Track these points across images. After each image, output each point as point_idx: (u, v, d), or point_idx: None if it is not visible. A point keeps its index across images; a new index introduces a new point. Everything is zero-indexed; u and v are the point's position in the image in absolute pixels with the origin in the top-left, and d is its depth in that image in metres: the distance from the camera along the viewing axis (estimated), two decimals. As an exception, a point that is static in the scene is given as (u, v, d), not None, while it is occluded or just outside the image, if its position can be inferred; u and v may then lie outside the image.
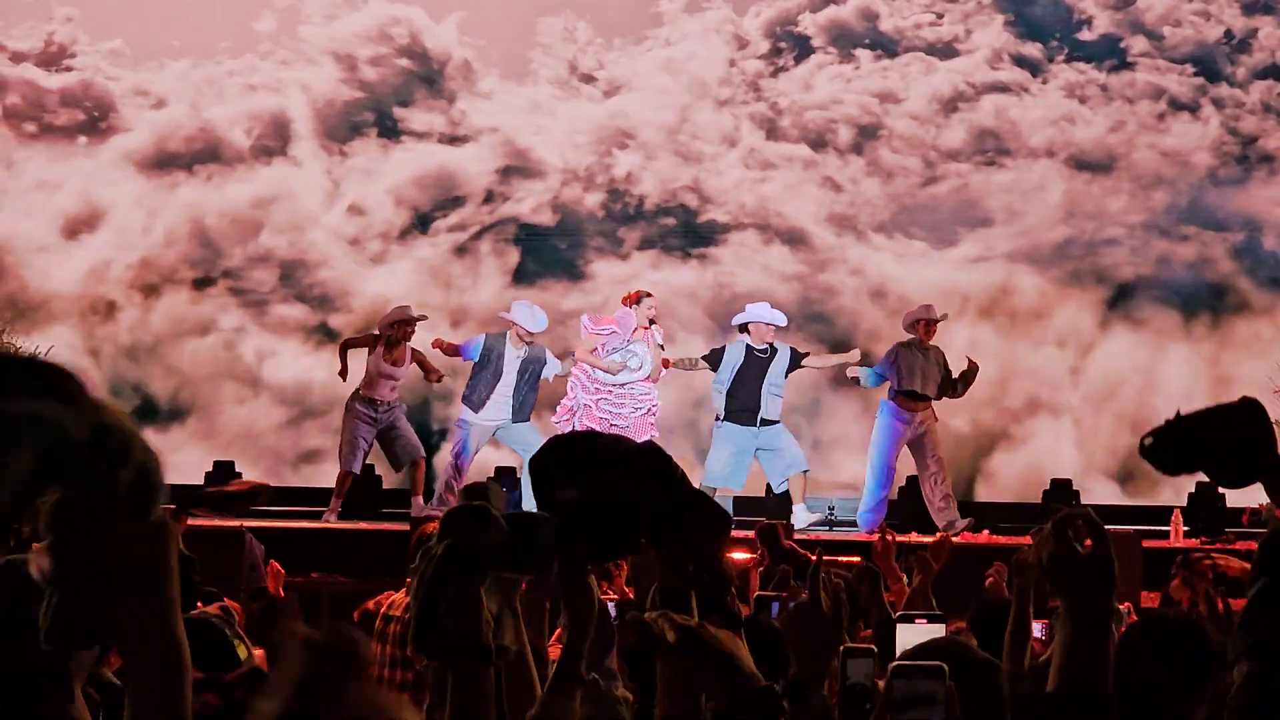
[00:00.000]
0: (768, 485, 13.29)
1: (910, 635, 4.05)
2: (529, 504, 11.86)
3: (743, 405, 12.65)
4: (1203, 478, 12.13)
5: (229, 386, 16.25)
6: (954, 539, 7.83)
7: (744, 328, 12.78)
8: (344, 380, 13.14)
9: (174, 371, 16.33)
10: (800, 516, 12.53)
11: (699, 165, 16.46)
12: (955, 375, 12.85)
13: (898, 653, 3.72)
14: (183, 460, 15.24)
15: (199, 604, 5.61)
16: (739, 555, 8.83)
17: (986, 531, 12.24)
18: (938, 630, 4.21)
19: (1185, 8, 16.24)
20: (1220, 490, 13.25)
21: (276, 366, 16.30)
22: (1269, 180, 15.91)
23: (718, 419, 12.79)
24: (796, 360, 12.83)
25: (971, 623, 5.25)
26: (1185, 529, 12.62)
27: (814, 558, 3.03)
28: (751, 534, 9.56)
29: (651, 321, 12.63)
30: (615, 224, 16.48)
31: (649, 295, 12.81)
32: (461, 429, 12.80)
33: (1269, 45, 16.15)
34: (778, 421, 12.72)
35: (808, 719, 2.72)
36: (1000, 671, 3.25)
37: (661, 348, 12.66)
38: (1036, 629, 4.70)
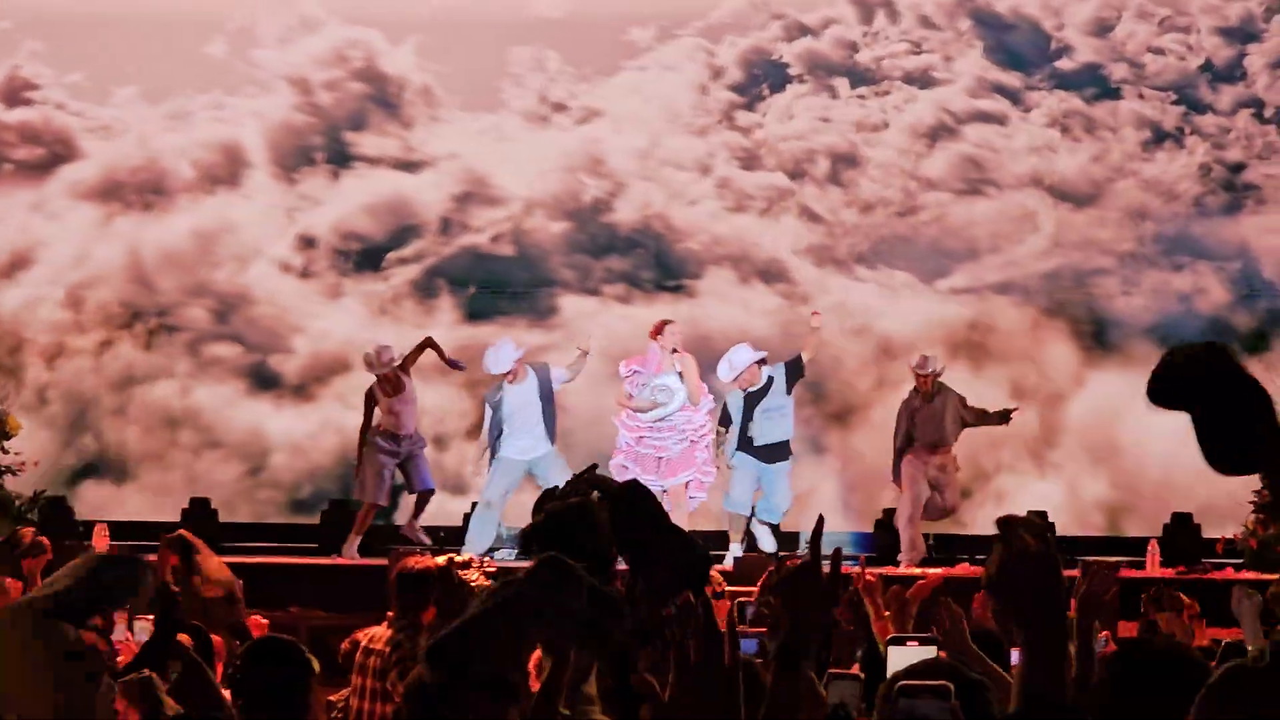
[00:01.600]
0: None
1: (902, 657, 4.44)
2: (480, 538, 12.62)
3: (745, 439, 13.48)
4: (1176, 507, 12.86)
5: (181, 435, 16.45)
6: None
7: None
8: (361, 441, 13.91)
9: (122, 419, 16.55)
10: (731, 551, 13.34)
11: (672, 196, 16.87)
12: (974, 411, 13.60)
13: (889, 675, 3.89)
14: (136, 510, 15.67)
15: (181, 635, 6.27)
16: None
17: (965, 564, 12.93)
18: (929, 653, 4.50)
19: (1166, 36, 16.87)
20: (1196, 521, 14.10)
21: (226, 413, 16.51)
22: (1258, 209, 16.50)
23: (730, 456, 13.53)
24: (796, 371, 13.59)
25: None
26: (1161, 559, 13.36)
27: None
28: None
29: (674, 350, 13.30)
30: (583, 256, 16.87)
31: (670, 322, 13.53)
32: (492, 472, 13.43)
33: (1252, 72, 16.81)
34: (785, 452, 13.49)
35: (797, 685, 2.87)
36: (991, 692, 3.42)
37: (680, 375, 13.27)
38: (1015, 656, 5.16)
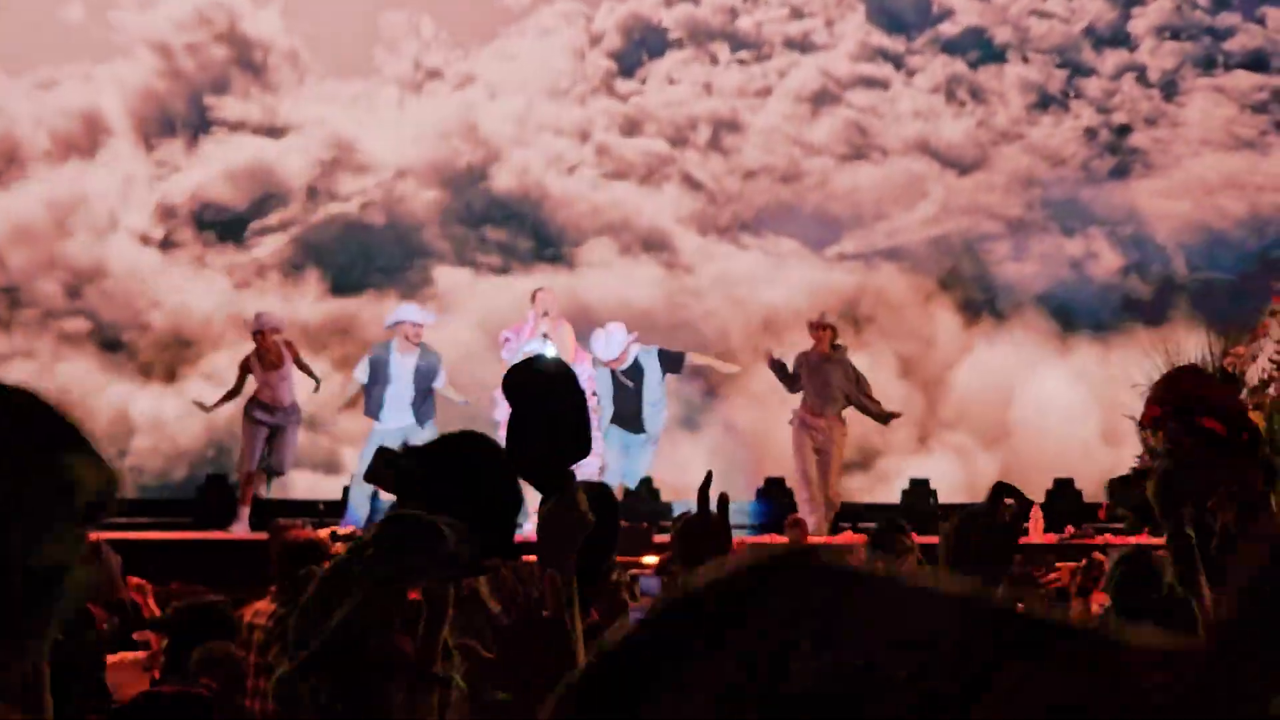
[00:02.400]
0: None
1: None
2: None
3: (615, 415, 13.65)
4: (1060, 474, 13.15)
5: None
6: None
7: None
8: (216, 405, 13.87)
9: None
10: None
11: (550, 163, 17.02)
12: (862, 394, 13.87)
13: None
14: None
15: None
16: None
17: (849, 531, 13.23)
18: None
19: (1050, 1, 17.28)
20: (1076, 486, 14.50)
21: (85, 394, 16.26)
22: (1147, 173, 16.93)
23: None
24: (672, 364, 13.74)
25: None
26: (1044, 525, 13.72)
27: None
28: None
29: (545, 314, 13.45)
30: (458, 225, 16.91)
31: (541, 289, 13.66)
32: (368, 442, 13.47)
33: (1136, 36, 17.25)
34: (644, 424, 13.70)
35: None
36: None
37: (545, 337, 13.41)
38: None
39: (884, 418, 13.97)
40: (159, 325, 16.52)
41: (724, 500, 3.26)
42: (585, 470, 13.42)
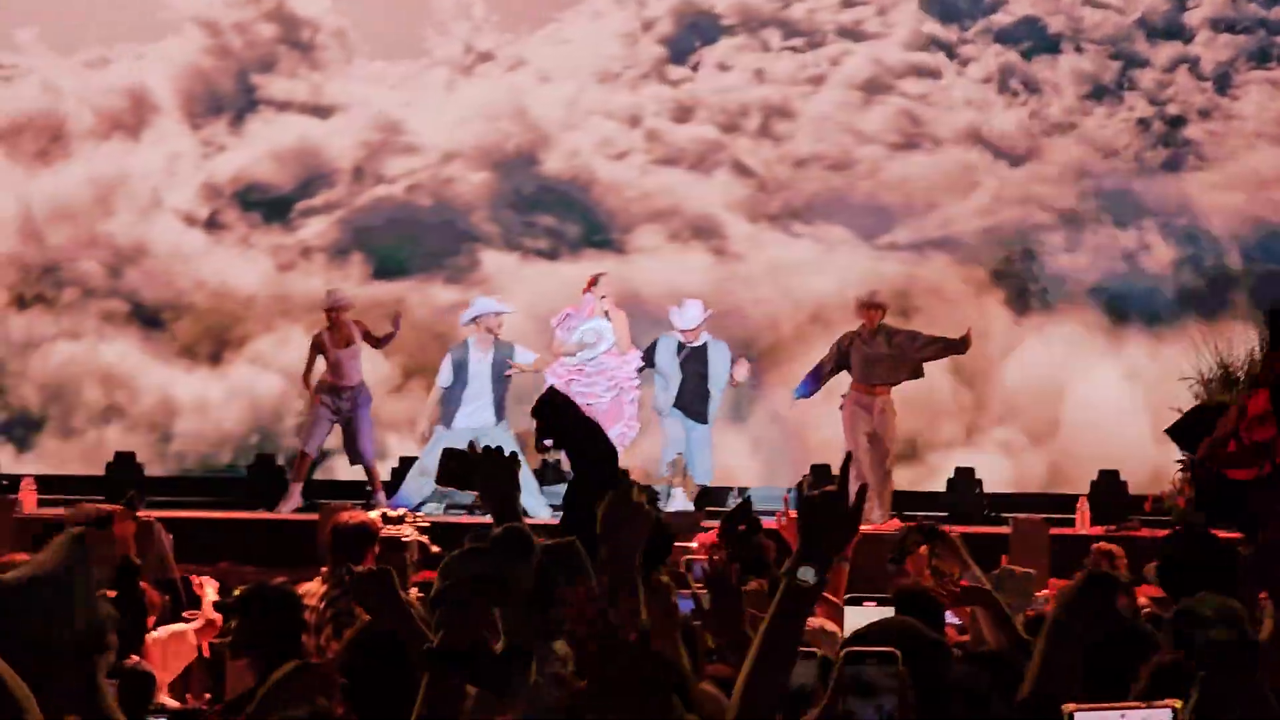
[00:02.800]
0: None
1: (859, 618, 4.55)
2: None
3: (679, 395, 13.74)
4: (1106, 466, 13.21)
5: (86, 398, 16.51)
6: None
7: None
8: (306, 385, 14.00)
9: (22, 380, 16.56)
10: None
11: (599, 149, 17.10)
12: (932, 344, 13.83)
13: (845, 635, 4.19)
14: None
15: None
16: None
17: (896, 520, 13.23)
18: (887, 613, 4.63)
19: (1105, -8, 17.30)
20: (1123, 479, 14.48)
21: (131, 376, 16.50)
22: (1200, 165, 16.95)
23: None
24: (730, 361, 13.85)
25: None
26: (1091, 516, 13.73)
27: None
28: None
29: (604, 296, 13.63)
30: (505, 210, 16.95)
31: (602, 274, 13.83)
32: (434, 441, 13.48)
33: (1190, 27, 17.26)
34: (708, 414, 13.79)
35: (803, 609, 3.04)
36: (950, 652, 3.57)
37: (606, 315, 13.58)
38: (951, 617, 5.25)
39: (962, 343, 13.86)
40: (202, 306, 16.61)
41: (863, 489, 3.20)
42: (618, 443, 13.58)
